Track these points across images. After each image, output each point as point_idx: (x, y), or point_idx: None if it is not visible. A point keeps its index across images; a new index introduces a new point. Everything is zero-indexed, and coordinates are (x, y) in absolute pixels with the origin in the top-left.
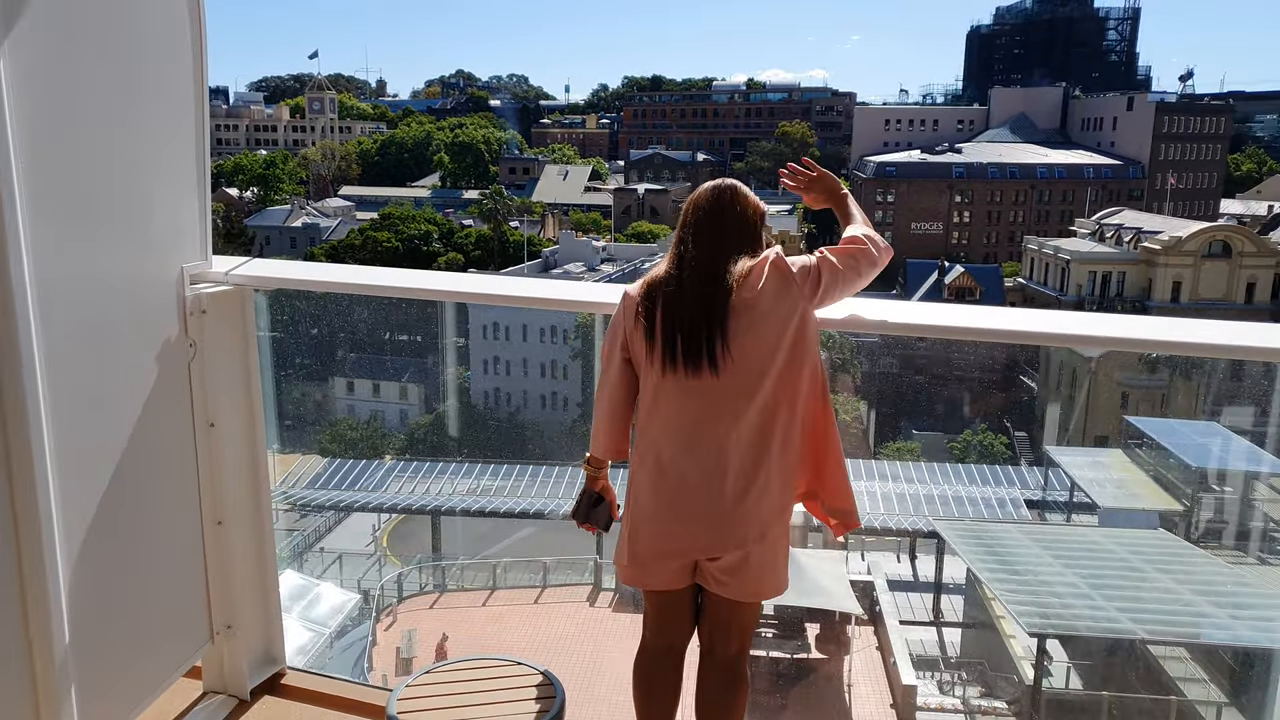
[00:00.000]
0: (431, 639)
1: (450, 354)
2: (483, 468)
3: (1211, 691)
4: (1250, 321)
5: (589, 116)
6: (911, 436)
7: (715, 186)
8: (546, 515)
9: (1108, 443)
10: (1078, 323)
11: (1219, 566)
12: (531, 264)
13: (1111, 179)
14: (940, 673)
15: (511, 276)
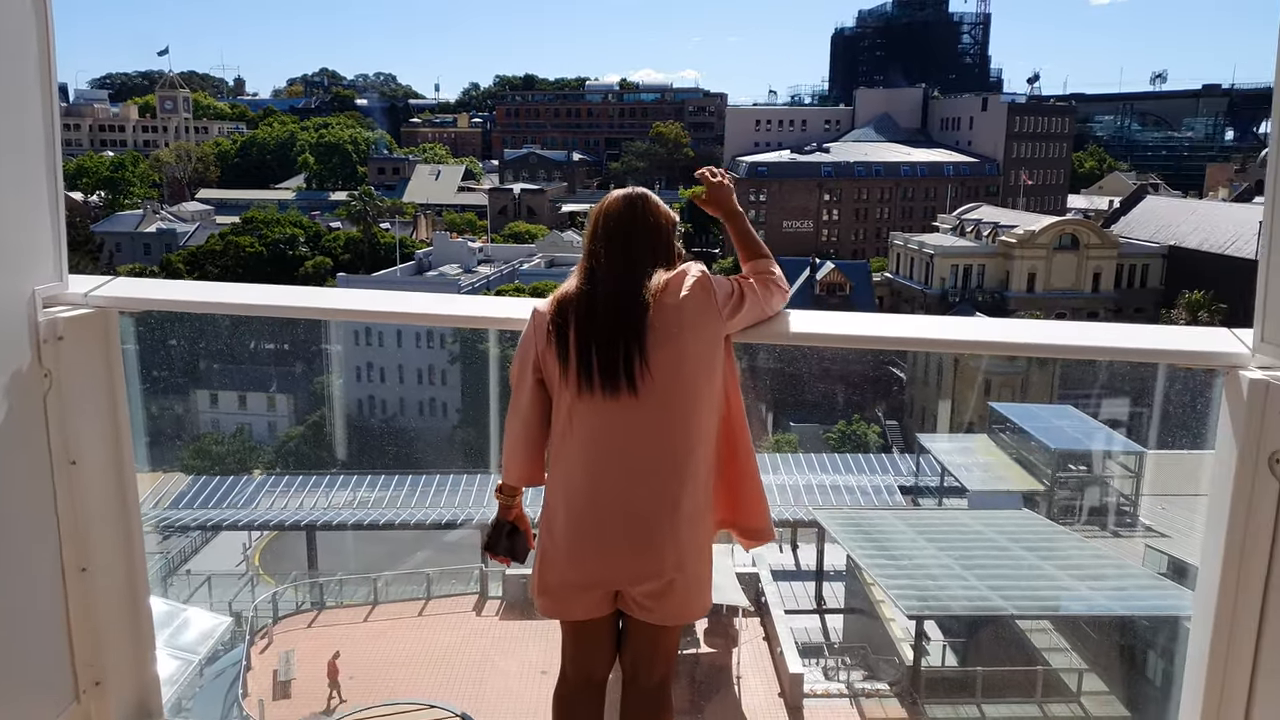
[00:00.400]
0: (310, 659)
1: (322, 362)
2: (359, 479)
3: (1073, 659)
4: (1096, 309)
5: (461, 116)
6: (789, 429)
7: (627, 195)
8: (429, 525)
9: (974, 429)
10: (965, 328)
11: (1077, 541)
12: (404, 266)
13: (970, 176)
14: (825, 659)
15: (407, 292)
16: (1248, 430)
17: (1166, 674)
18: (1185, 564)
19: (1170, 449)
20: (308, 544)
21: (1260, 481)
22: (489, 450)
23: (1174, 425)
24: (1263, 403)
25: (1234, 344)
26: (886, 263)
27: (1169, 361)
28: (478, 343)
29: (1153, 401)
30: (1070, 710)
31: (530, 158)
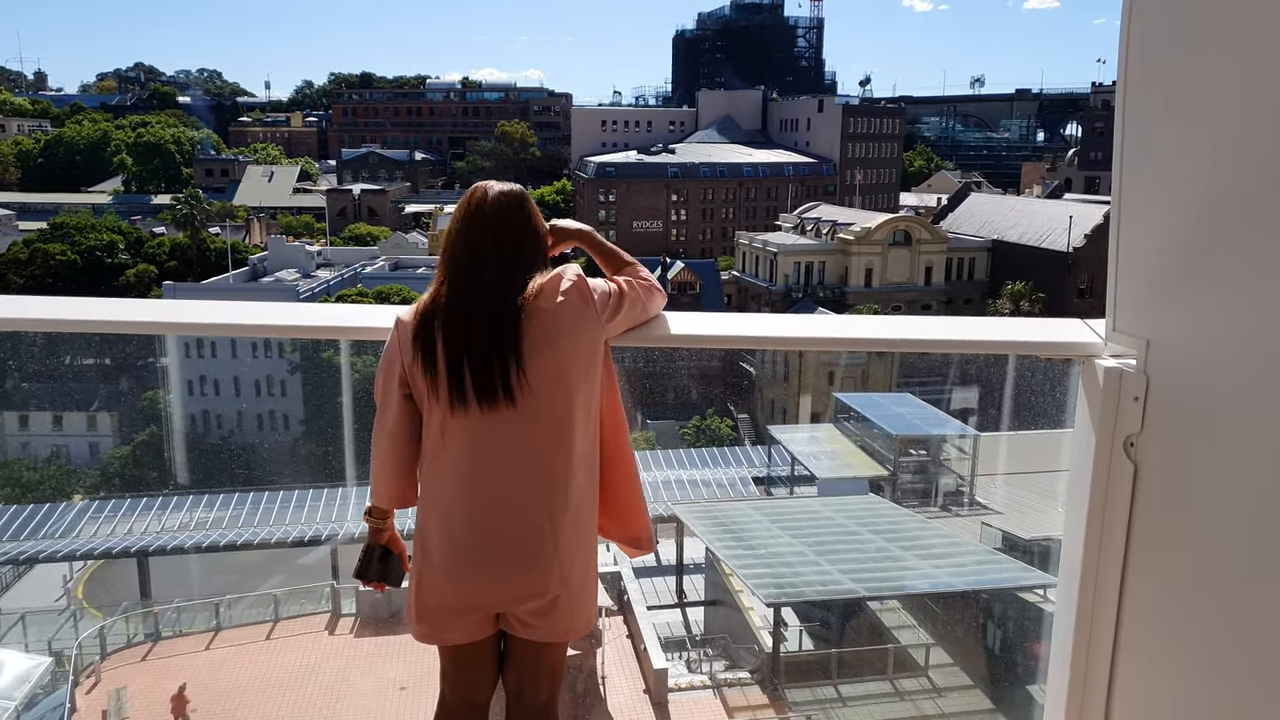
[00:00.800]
0: (146, 695)
1: (151, 376)
2: (196, 499)
3: (920, 635)
4: (929, 301)
5: (294, 114)
6: (645, 426)
7: (509, 192)
8: (274, 544)
9: (820, 418)
10: (837, 325)
11: (920, 522)
12: (238, 273)
13: (809, 176)
14: (688, 651)
15: (250, 301)
16: (1104, 416)
17: (1004, 641)
18: (1016, 538)
19: (1018, 431)
20: (139, 572)
21: (1116, 463)
22: (342, 463)
23: (1023, 410)
24: (1117, 389)
25: (1088, 334)
26: (733, 261)
27: (1031, 353)
28: (320, 351)
29: (1004, 388)
30: (919, 684)
31: (370, 157)
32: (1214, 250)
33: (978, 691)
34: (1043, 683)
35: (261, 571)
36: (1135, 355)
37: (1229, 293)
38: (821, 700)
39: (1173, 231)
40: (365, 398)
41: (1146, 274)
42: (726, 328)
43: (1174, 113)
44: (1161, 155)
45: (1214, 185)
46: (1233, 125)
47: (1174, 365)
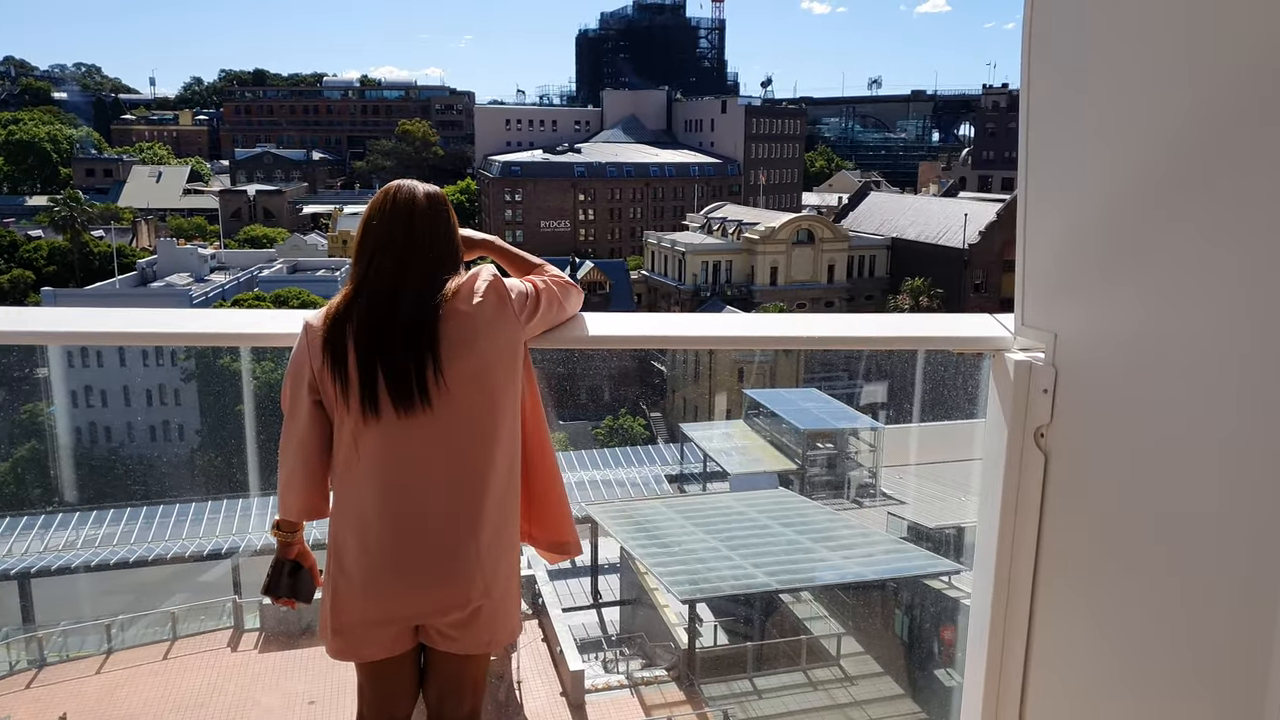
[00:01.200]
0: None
1: (30, 388)
2: (83, 516)
3: (831, 625)
4: (832, 298)
5: (182, 112)
6: (559, 427)
7: (428, 193)
8: (170, 559)
9: (730, 415)
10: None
11: (829, 514)
12: (125, 277)
13: (714, 176)
14: (604, 652)
15: (144, 308)
16: (1014, 407)
17: (910, 628)
18: (921, 526)
19: (923, 424)
20: (20, 595)
21: (1028, 454)
22: (242, 474)
23: (933, 403)
24: (1027, 382)
25: (998, 329)
26: (642, 261)
27: (943, 348)
28: (216, 358)
29: (911, 382)
30: (831, 673)
31: (265, 157)
32: (1116, 246)
33: (888, 678)
34: (950, 667)
35: (158, 589)
36: (1044, 348)
37: (1131, 287)
38: (737, 694)
39: (1076, 228)
40: (268, 405)
41: (1052, 269)
42: (646, 328)
43: (1075, 111)
44: (1064, 153)
45: (1115, 183)
46: (1132, 123)
47: (1081, 357)
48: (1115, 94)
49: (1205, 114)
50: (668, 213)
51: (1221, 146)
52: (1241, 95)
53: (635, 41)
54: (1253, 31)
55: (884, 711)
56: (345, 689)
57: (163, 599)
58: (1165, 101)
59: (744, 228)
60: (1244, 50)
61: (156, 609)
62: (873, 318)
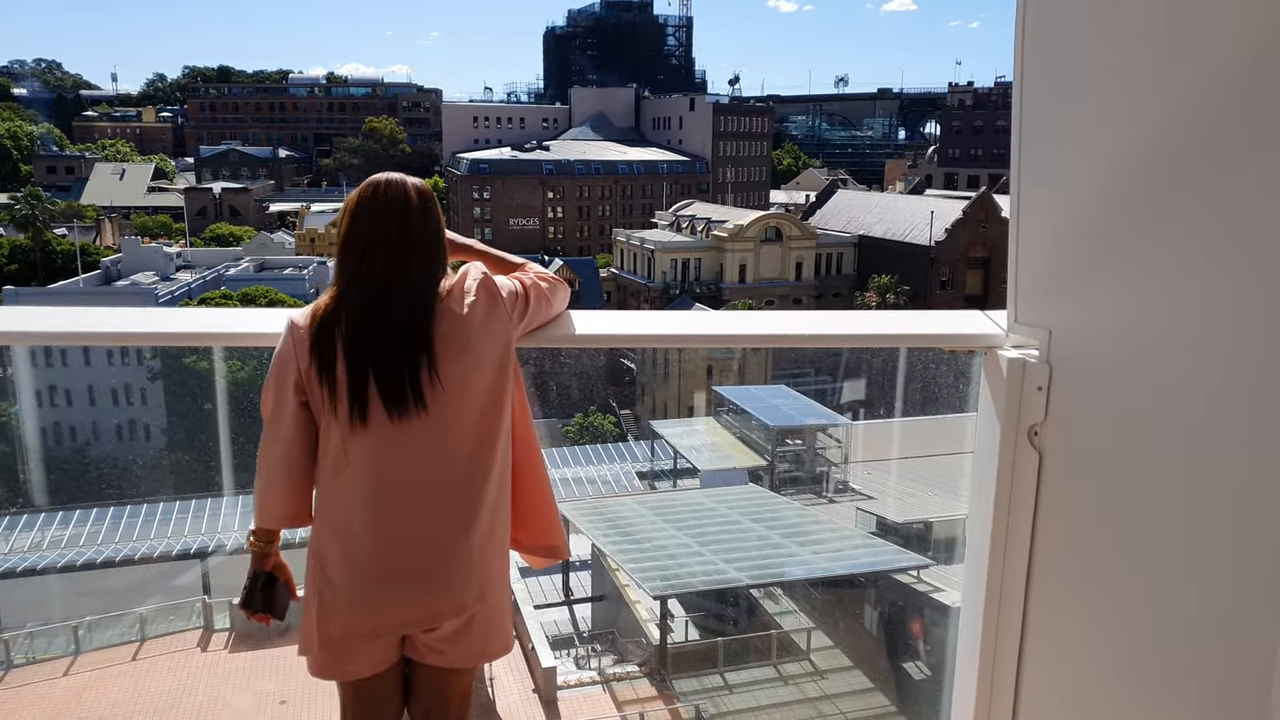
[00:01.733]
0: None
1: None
2: (49, 517)
3: (801, 620)
4: (800, 295)
5: (145, 109)
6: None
7: (416, 187)
8: (138, 560)
9: (700, 412)
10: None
11: (799, 510)
12: (89, 276)
13: (683, 174)
14: (576, 648)
15: (116, 307)
16: (1008, 406)
17: (881, 622)
18: (889, 521)
19: (891, 420)
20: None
21: (1021, 452)
22: (207, 473)
23: (916, 399)
24: (1020, 380)
25: (990, 326)
26: (611, 259)
27: (934, 345)
28: (182, 356)
29: (890, 378)
30: (802, 667)
31: (230, 155)
32: (1110, 243)
33: (858, 672)
34: (919, 660)
35: (125, 590)
36: (1037, 346)
37: (1126, 284)
38: (708, 689)
39: (1070, 225)
40: (240, 404)
41: (1046, 267)
42: (634, 326)
43: (1070, 105)
44: (1058, 148)
45: (1108, 180)
46: (1127, 120)
47: (1076, 355)
48: (1109, 90)
49: (1199, 110)
50: (636, 210)
51: (1215, 143)
52: (1235, 92)
53: (603, 39)
54: (1245, 29)
55: (854, 705)
56: (317, 689)
57: (131, 600)
58: (1159, 98)
59: (712, 225)
60: (1237, 48)
61: (124, 610)
62: (862, 315)
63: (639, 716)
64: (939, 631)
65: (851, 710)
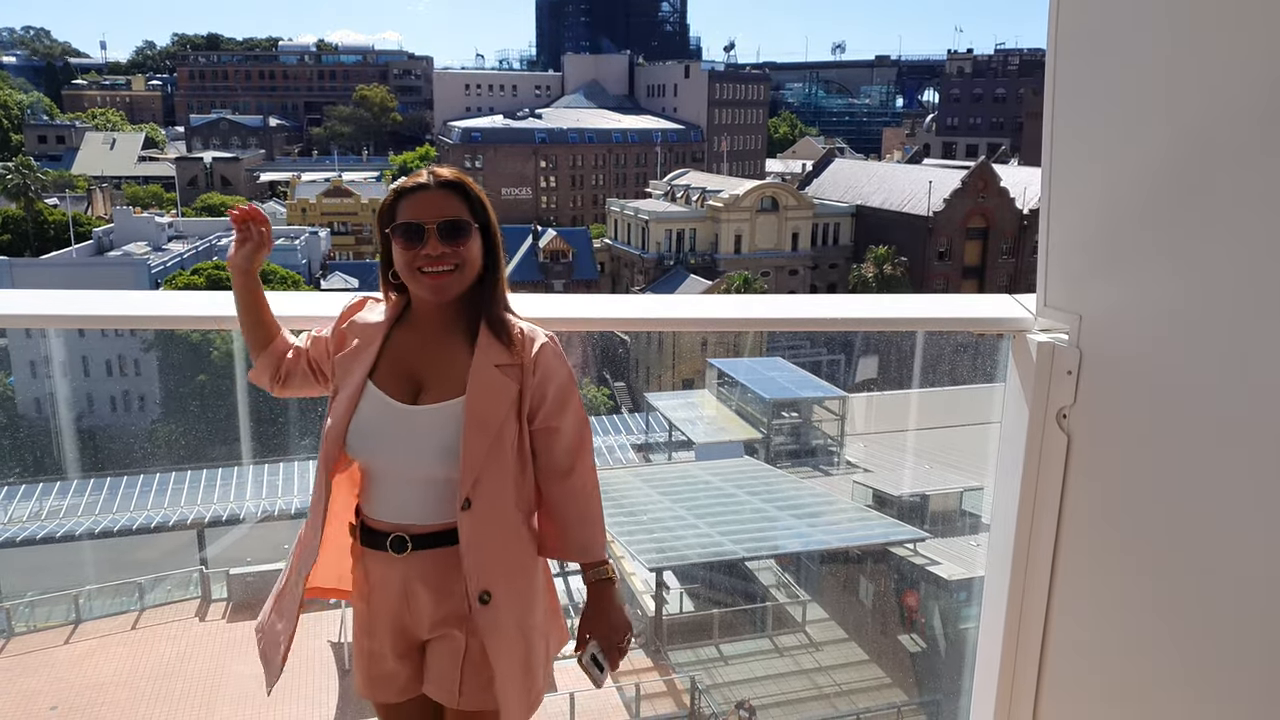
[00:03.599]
0: (3, 694)
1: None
2: (46, 487)
3: (797, 592)
4: (796, 266)
5: (135, 78)
6: None
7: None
8: (135, 530)
9: (695, 384)
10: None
11: (794, 482)
12: (81, 247)
13: (677, 142)
14: (571, 619)
15: (151, 292)
16: (1036, 389)
17: (875, 594)
18: (886, 494)
19: (885, 392)
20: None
21: (1049, 435)
22: (212, 445)
23: (913, 375)
24: (1049, 363)
25: (1018, 310)
26: (605, 229)
27: (962, 329)
28: (174, 328)
29: (913, 359)
30: (797, 639)
31: (221, 123)
32: (1146, 227)
33: (853, 644)
34: (914, 632)
35: (123, 559)
36: (1067, 330)
37: (1161, 268)
38: (704, 660)
39: (1106, 210)
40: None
41: (1078, 251)
42: (650, 310)
43: (1106, 88)
44: (1093, 129)
45: (1145, 162)
46: (1169, 104)
47: (1107, 340)
48: (1146, 73)
49: (1241, 89)
50: (630, 179)
51: (1257, 131)
52: (1278, 70)
53: (596, 5)
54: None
55: (850, 676)
56: (315, 659)
57: (128, 569)
58: (1199, 76)
59: (708, 195)
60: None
61: (123, 579)
62: (888, 299)
63: (635, 687)
64: (934, 604)
65: (847, 682)
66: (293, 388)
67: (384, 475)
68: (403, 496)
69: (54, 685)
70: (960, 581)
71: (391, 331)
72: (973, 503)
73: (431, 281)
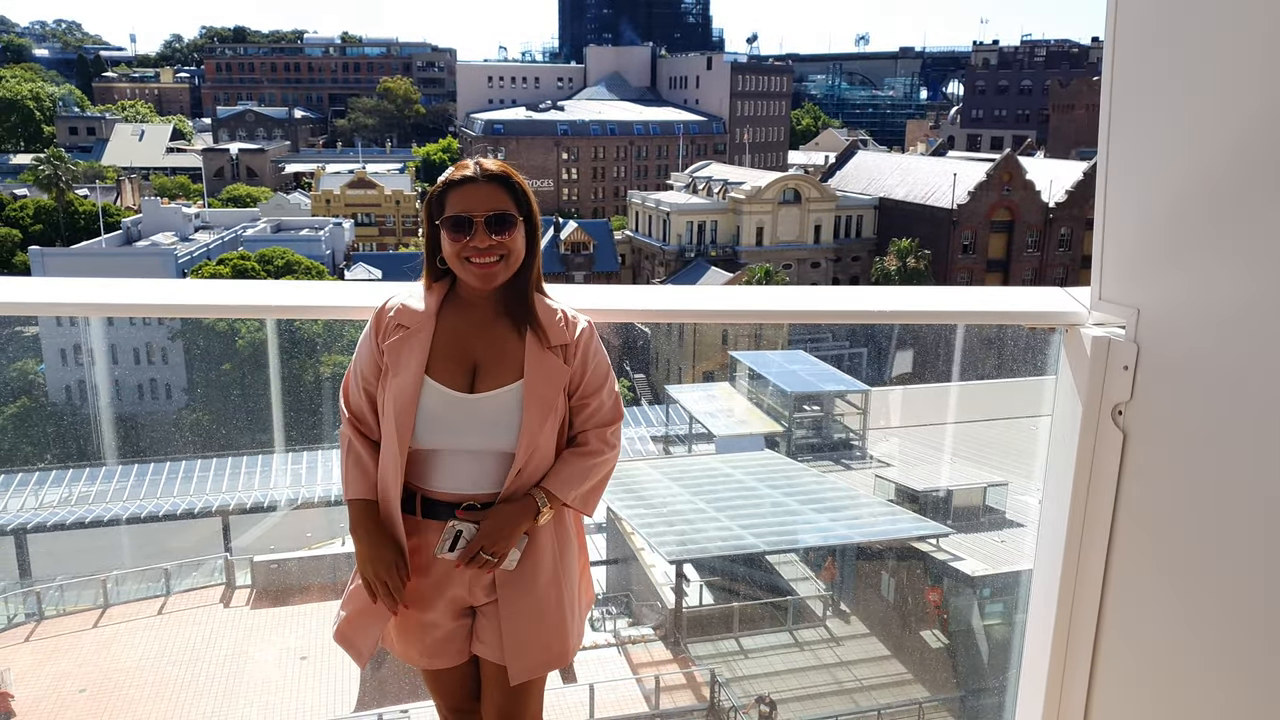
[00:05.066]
0: (32, 675)
1: (17, 345)
2: (76, 473)
3: (818, 586)
4: (818, 259)
5: (164, 70)
6: None
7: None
8: (162, 516)
9: (715, 377)
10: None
11: (815, 476)
12: (110, 236)
13: (699, 134)
14: (591, 611)
15: (192, 281)
16: (1090, 384)
17: (898, 590)
18: (910, 489)
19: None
20: (17, 550)
21: (1104, 432)
22: (240, 433)
23: (972, 373)
24: (1104, 358)
25: (1071, 304)
26: (626, 221)
27: (1013, 322)
28: (201, 318)
29: (953, 353)
30: (818, 634)
31: (247, 115)
32: (1210, 218)
33: (874, 639)
34: (935, 628)
35: (150, 545)
36: (1124, 324)
37: (1223, 260)
38: (723, 653)
39: (1166, 199)
40: (290, 370)
41: (1135, 243)
42: (683, 302)
43: (1167, 73)
44: (1154, 118)
45: (1212, 151)
46: (1233, 87)
47: (1167, 334)
48: (1211, 57)
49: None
50: (652, 171)
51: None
52: None
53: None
54: None
55: (871, 672)
56: (336, 646)
57: (154, 555)
58: (1264, 65)
59: (729, 187)
60: None
61: (149, 565)
62: (935, 291)
63: (655, 679)
64: (958, 601)
65: (868, 677)
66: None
67: (447, 454)
68: (463, 470)
69: (82, 668)
70: (985, 577)
71: (438, 318)
72: (997, 498)
73: (480, 270)
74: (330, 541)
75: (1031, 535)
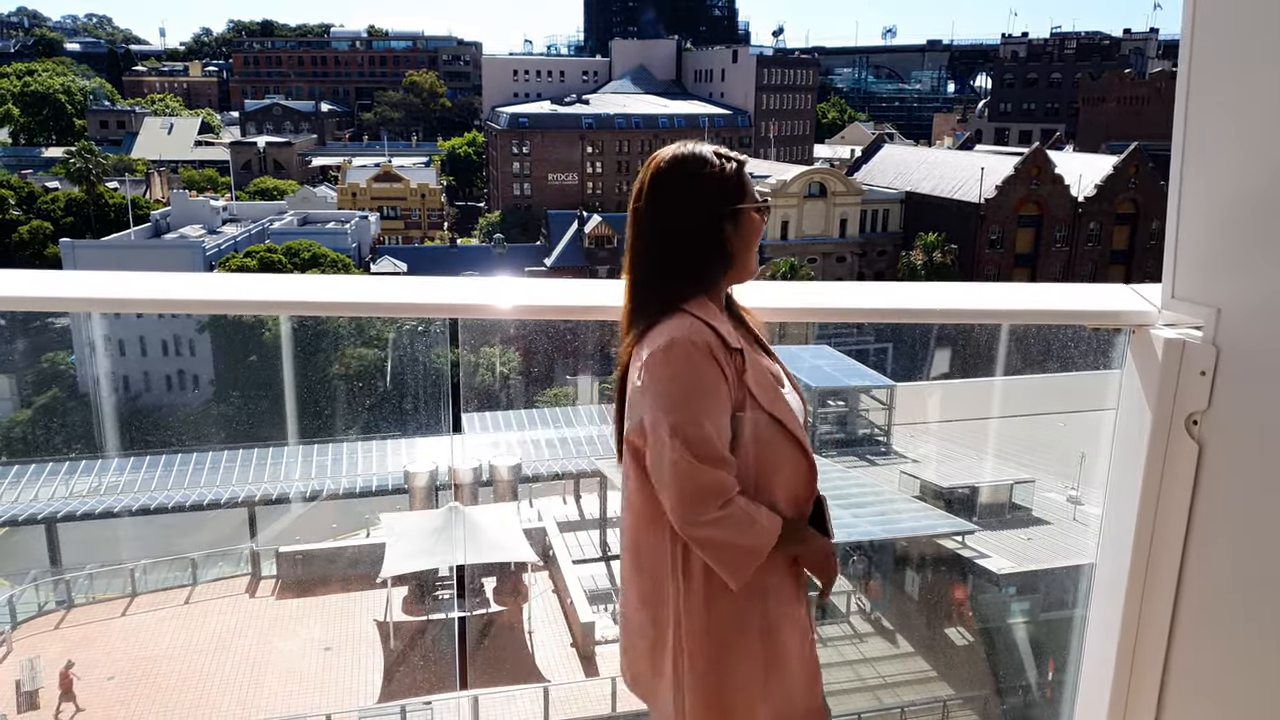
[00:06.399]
0: (62, 663)
1: (49, 337)
2: (105, 463)
3: (840, 582)
4: (844, 253)
5: (192, 64)
6: (565, 383)
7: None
8: (189, 507)
9: None
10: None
11: (840, 472)
12: (139, 229)
13: (724, 128)
14: (613, 603)
15: (221, 276)
16: (1162, 391)
17: (921, 586)
18: (935, 486)
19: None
20: (48, 538)
21: (1176, 443)
22: (267, 425)
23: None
24: (1178, 362)
25: (1140, 302)
26: None
27: (1076, 322)
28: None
29: (996, 354)
30: (841, 630)
31: (274, 109)
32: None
33: (898, 636)
34: (960, 625)
35: (178, 535)
36: (1201, 325)
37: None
38: None
39: (1248, 188)
40: (301, 366)
41: (1214, 235)
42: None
43: (1249, 61)
44: (1235, 106)
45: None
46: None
47: (1251, 337)
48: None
49: None
50: None
51: None
52: None
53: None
54: None
55: (895, 669)
56: (360, 638)
57: (182, 545)
58: None
59: (755, 180)
60: None
61: (177, 554)
62: (990, 288)
63: None
64: (982, 598)
65: (891, 674)
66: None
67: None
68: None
69: (110, 656)
70: (1010, 575)
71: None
72: (1023, 496)
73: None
74: (355, 532)
75: (1059, 532)
